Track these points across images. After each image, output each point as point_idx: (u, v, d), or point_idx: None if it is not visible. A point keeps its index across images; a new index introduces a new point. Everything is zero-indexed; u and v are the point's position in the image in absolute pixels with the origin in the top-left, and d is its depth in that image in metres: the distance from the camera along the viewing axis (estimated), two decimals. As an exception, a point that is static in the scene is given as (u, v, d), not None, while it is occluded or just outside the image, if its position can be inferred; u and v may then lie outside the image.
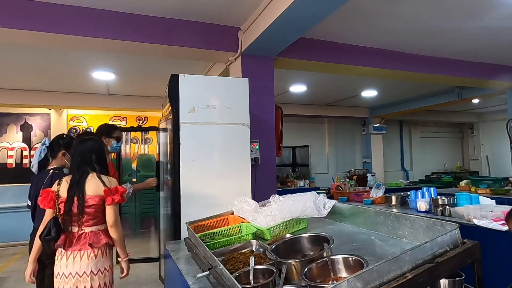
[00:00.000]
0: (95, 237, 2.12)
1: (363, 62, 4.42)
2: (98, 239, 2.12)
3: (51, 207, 2.12)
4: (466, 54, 4.94)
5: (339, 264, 1.24)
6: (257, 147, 3.58)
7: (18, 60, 4.72)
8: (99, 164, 2.24)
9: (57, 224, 2.07)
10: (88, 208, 2.11)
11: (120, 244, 2.18)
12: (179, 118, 2.66)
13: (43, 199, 2.13)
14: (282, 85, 6.42)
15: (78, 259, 2.06)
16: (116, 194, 2.15)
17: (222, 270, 1.23)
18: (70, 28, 3.17)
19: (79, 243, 2.08)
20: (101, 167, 2.24)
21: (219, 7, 3.32)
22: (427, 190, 3.78)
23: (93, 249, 2.09)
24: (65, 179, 2.19)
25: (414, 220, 1.43)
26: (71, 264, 2.06)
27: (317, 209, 1.86)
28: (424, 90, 7.35)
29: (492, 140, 10.64)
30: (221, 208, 2.27)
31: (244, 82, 2.90)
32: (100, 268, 2.10)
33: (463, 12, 3.56)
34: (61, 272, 2.07)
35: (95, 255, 2.09)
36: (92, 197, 2.12)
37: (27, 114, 7.15)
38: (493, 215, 2.97)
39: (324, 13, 2.84)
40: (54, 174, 2.49)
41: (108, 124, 3.30)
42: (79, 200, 2.10)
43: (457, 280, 1.22)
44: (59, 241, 2.05)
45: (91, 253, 2.08)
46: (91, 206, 2.11)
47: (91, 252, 2.08)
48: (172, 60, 4.59)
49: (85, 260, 2.07)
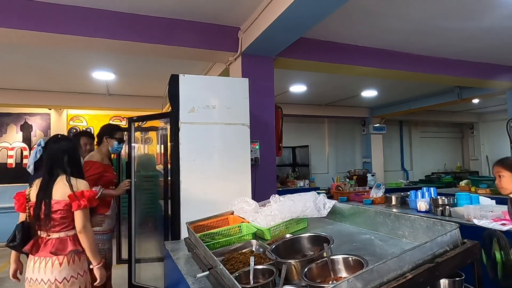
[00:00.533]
0: (60, 244, 2.00)
1: (363, 62, 4.42)
2: (64, 246, 2.00)
3: (22, 210, 2.06)
4: (466, 54, 4.94)
5: (339, 264, 1.24)
6: (257, 147, 3.58)
7: (18, 60, 4.72)
8: (71, 165, 2.12)
9: (24, 229, 2.00)
10: (54, 213, 2.00)
11: (90, 250, 2.04)
12: (179, 118, 2.66)
13: (16, 203, 2.08)
14: (282, 85, 6.42)
15: (43, 265, 1.97)
16: (83, 199, 2.01)
17: (222, 270, 1.23)
18: (70, 28, 3.16)
19: (45, 250, 1.99)
20: (73, 169, 2.12)
21: (219, 7, 3.32)
22: (427, 190, 3.78)
23: (58, 256, 1.97)
24: (36, 182, 2.10)
25: (414, 220, 1.43)
26: (37, 270, 1.97)
27: (317, 209, 1.86)
28: (424, 90, 7.35)
29: (492, 140, 10.64)
30: (221, 208, 2.26)
31: (244, 82, 2.90)
32: (66, 277, 1.97)
33: (463, 12, 3.56)
34: (29, 277, 2.00)
35: (60, 263, 1.97)
36: (58, 202, 2.01)
37: (27, 114, 7.15)
38: (493, 215, 2.97)
39: (324, 13, 2.84)
40: None
41: (111, 125, 3.30)
42: (46, 205, 2.00)
43: (457, 280, 1.22)
44: (26, 246, 1.98)
45: (55, 261, 1.97)
46: (56, 211, 2.00)
47: (56, 260, 1.97)
48: (172, 60, 4.58)
49: (49, 267, 1.96)
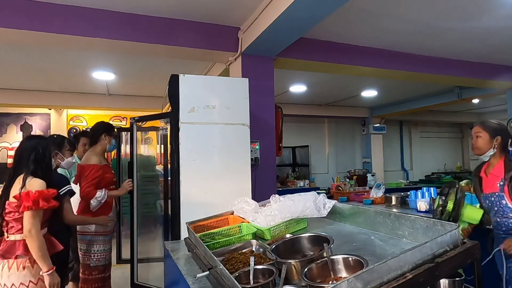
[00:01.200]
0: (10, 247, 1.90)
1: (363, 62, 4.42)
2: (12, 250, 1.89)
3: None
4: (466, 54, 4.94)
5: (339, 264, 1.24)
6: (257, 147, 3.57)
7: (18, 60, 4.72)
8: (37, 163, 2.01)
9: None
10: (7, 214, 1.92)
11: (38, 256, 1.88)
12: (179, 118, 2.66)
13: None
14: (282, 85, 6.42)
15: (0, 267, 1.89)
16: (27, 199, 1.85)
17: (222, 270, 1.23)
18: (70, 28, 3.16)
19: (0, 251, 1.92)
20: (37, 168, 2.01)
21: (219, 7, 3.32)
22: (427, 190, 3.78)
23: (8, 260, 1.88)
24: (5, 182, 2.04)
25: (414, 220, 1.43)
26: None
27: (317, 209, 1.86)
28: (424, 90, 7.35)
29: (492, 140, 10.62)
30: (221, 208, 2.26)
31: (244, 82, 2.90)
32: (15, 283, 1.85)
33: (463, 12, 3.56)
34: None
35: (9, 267, 1.87)
36: (9, 203, 1.93)
37: (27, 114, 7.16)
38: (493, 215, 2.96)
39: (324, 13, 2.85)
40: None
41: (107, 122, 3.26)
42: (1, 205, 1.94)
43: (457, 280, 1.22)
44: None
45: (5, 265, 1.88)
46: (10, 212, 1.92)
47: (6, 263, 1.88)
48: (172, 60, 4.58)
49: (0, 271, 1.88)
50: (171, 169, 2.72)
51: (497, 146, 2.25)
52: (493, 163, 2.32)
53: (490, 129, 2.29)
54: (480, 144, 2.31)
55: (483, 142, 2.30)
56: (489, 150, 2.28)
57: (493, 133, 2.27)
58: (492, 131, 2.28)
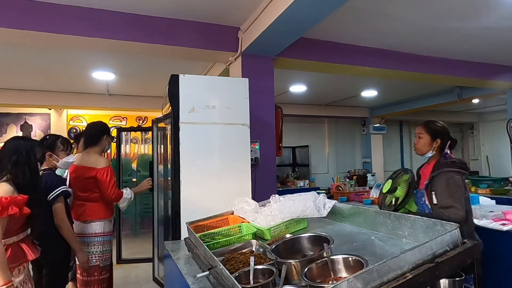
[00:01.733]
0: None
1: (363, 62, 4.42)
2: None
3: None
4: (466, 54, 4.94)
5: (339, 264, 1.24)
6: (257, 147, 3.58)
7: (18, 60, 4.72)
8: (17, 167, 1.91)
9: None
10: None
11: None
12: (179, 118, 2.66)
13: None
14: (282, 85, 6.42)
15: None
16: None
17: (222, 270, 1.23)
18: (70, 28, 3.16)
19: None
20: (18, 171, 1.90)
21: (219, 7, 3.32)
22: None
23: None
24: None
25: (414, 220, 1.43)
26: None
27: (317, 209, 1.86)
28: (424, 90, 7.35)
29: (492, 140, 10.64)
30: (221, 208, 2.26)
31: (244, 82, 2.89)
32: None
33: (463, 12, 3.56)
34: None
35: None
36: None
37: (27, 114, 7.16)
38: (493, 215, 2.98)
39: (324, 13, 2.84)
40: (44, 174, 2.46)
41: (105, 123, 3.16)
42: None
43: (457, 280, 1.22)
44: None
45: None
46: None
47: None
48: (172, 60, 4.59)
49: None
50: (171, 169, 2.73)
51: (436, 148, 2.32)
52: (430, 163, 2.37)
53: (431, 131, 2.35)
54: (420, 145, 2.36)
55: (423, 143, 2.35)
56: (429, 152, 2.34)
57: (434, 135, 2.33)
58: (433, 133, 2.34)
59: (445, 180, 2.15)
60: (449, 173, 2.15)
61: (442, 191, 2.13)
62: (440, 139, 2.32)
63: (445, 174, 2.16)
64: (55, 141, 2.62)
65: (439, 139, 2.32)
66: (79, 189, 2.80)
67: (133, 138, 7.95)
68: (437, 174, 2.20)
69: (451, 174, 2.15)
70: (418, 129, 2.41)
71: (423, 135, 2.36)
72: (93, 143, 2.94)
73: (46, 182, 2.42)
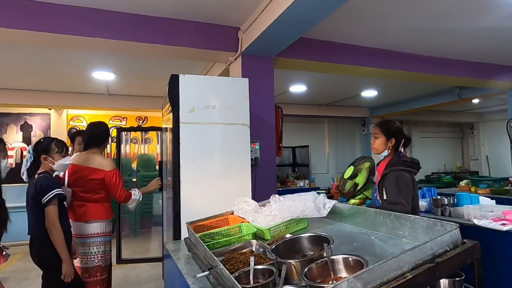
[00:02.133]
0: None
1: (363, 62, 4.42)
2: None
3: None
4: (466, 54, 4.94)
5: (339, 264, 1.23)
6: (257, 147, 3.57)
7: (18, 60, 4.72)
8: None
9: None
10: None
11: None
12: (179, 118, 2.66)
13: None
14: (282, 85, 6.42)
15: None
16: None
17: (222, 270, 1.23)
18: (70, 28, 3.16)
19: None
20: None
21: (219, 7, 3.32)
22: (427, 190, 3.78)
23: None
24: None
25: (414, 220, 1.43)
26: None
27: (317, 209, 1.86)
28: (424, 90, 7.35)
29: (492, 140, 10.64)
30: (221, 208, 2.26)
31: (244, 82, 2.89)
32: None
33: (463, 12, 3.56)
34: None
35: None
36: None
37: (27, 114, 7.15)
38: (493, 215, 2.98)
39: (324, 13, 2.85)
40: (39, 178, 2.43)
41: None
42: None
43: (457, 280, 1.22)
44: None
45: None
46: None
47: None
48: (172, 60, 4.59)
49: None
50: (171, 169, 2.73)
51: (391, 147, 2.44)
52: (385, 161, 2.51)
53: (386, 131, 2.45)
54: (377, 144, 2.48)
55: (379, 143, 2.46)
56: (384, 151, 2.47)
57: (389, 135, 2.44)
58: (388, 133, 2.45)
59: (394, 178, 2.27)
60: (399, 172, 2.28)
61: (392, 188, 2.26)
62: (394, 138, 2.43)
63: (395, 172, 2.28)
64: (49, 144, 2.56)
65: (394, 138, 2.43)
66: (81, 190, 2.78)
67: (133, 138, 7.95)
68: (388, 172, 2.32)
69: (401, 172, 2.28)
70: (374, 129, 2.52)
71: (379, 135, 2.46)
72: (99, 143, 2.91)
73: (41, 184, 2.38)
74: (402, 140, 2.44)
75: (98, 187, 2.78)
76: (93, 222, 2.77)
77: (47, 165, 2.54)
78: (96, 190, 2.79)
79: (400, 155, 2.40)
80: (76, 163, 2.83)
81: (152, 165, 7.82)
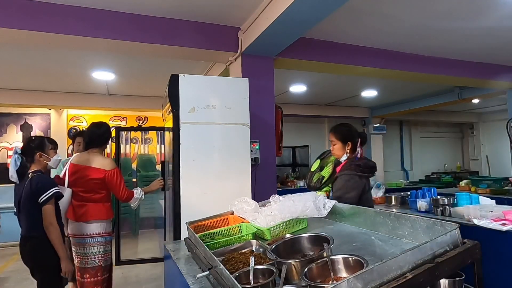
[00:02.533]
0: None
1: (363, 62, 4.42)
2: None
3: None
4: (466, 54, 4.94)
5: (339, 264, 1.23)
6: (257, 147, 3.58)
7: (18, 60, 4.72)
8: None
9: None
10: None
11: None
12: (179, 118, 2.66)
13: None
14: (282, 85, 6.42)
15: None
16: None
17: (222, 270, 1.23)
18: (70, 28, 3.16)
19: None
20: None
21: (219, 7, 3.32)
22: (427, 190, 3.78)
23: None
24: None
25: (414, 220, 1.43)
26: None
27: (317, 209, 1.85)
28: (424, 90, 7.35)
29: (492, 140, 10.64)
30: (221, 208, 2.26)
31: (244, 82, 2.90)
32: None
33: (463, 12, 3.56)
34: None
35: None
36: None
37: (27, 114, 7.15)
38: (493, 215, 2.97)
39: (324, 13, 2.85)
40: (33, 176, 2.42)
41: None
42: None
43: (457, 280, 1.22)
44: None
45: None
46: None
47: None
48: (172, 60, 4.59)
49: None
50: (171, 169, 2.73)
51: (349, 150, 2.50)
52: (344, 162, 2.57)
53: (341, 137, 2.52)
54: (336, 151, 2.54)
55: (338, 149, 2.53)
56: (344, 155, 2.52)
57: (345, 140, 2.51)
58: (343, 138, 2.51)
59: (344, 180, 2.37)
60: (349, 176, 2.38)
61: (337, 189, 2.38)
62: (350, 142, 2.49)
63: (345, 176, 2.38)
64: (43, 141, 2.58)
65: (350, 142, 2.49)
66: (82, 190, 2.77)
67: (133, 138, 7.95)
68: (340, 175, 2.42)
69: (349, 176, 2.38)
70: (330, 136, 2.58)
71: (335, 141, 2.53)
72: (100, 143, 2.91)
73: (37, 183, 2.37)
74: (358, 140, 2.50)
75: (99, 187, 2.77)
76: (94, 222, 2.76)
77: (41, 163, 2.52)
78: (97, 190, 2.78)
79: (357, 158, 2.46)
80: (77, 163, 2.82)
81: (152, 165, 7.82)
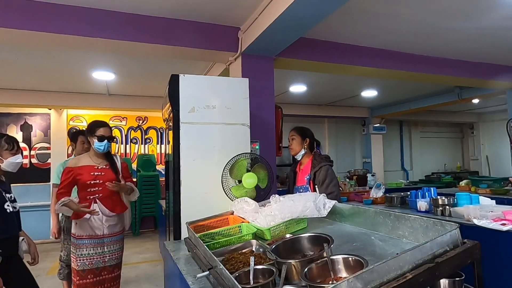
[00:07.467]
0: None
1: (363, 62, 4.42)
2: None
3: None
4: (466, 54, 4.94)
5: (339, 264, 1.23)
6: (257, 147, 3.57)
7: (18, 60, 4.72)
8: None
9: None
10: None
11: None
12: (179, 118, 2.66)
13: None
14: (282, 85, 6.42)
15: None
16: None
17: (222, 270, 1.22)
18: (70, 28, 3.16)
19: None
20: None
21: (219, 7, 3.32)
22: (427, 190, 3.77)
23: None
24: None
25: (414, 220, 1.43)
26: None
27: (317, 209, 1.85)
28: (424, 90, 7.35)
29: (492, 140, 10.64)
30: (221, 208, 2.26)
31: (244, 82, 2.89)
32: None
33: (463, 12, 3.56)
34: None
35: None
36: None
37: (27, 114, 7.16)
38: (493, 215, 2.97)
39: (324, 13, 2.85)
40: None
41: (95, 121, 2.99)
42: None
43: (457, 280, 1.22)
44: None
45: None
46: None
47: None
48: (172, 60, 4.59)
49: None
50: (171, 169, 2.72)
51: (306, 146, 2.82)
52: (304, 162, 2.88)
53: (301, 133, 2.85)
54: (294, 145, 2.84)
55: (296, 143, 2.83)
56: (301, 150, 2.83)
57: (304, 135, 2.83)
58: (302, 134, 2.84)
59: (325, 172, 2.67)
60: (327, 166, 2.70)
61: (325, 180, 2.64)
62: (308, 139, 2.83)
63: (324, 167, 2.68)
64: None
65: (308, 138, 2.83)
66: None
67: (133, 138, 7.95)
68: (318, 169, 2.68)
69: (328, 166, 2.70)
70: (291, 132, 2.88)
71: (295, 136, 2.84)
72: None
73: None
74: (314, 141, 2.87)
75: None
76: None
77: None
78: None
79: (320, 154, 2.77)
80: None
81: (152, 165, 7.82)
